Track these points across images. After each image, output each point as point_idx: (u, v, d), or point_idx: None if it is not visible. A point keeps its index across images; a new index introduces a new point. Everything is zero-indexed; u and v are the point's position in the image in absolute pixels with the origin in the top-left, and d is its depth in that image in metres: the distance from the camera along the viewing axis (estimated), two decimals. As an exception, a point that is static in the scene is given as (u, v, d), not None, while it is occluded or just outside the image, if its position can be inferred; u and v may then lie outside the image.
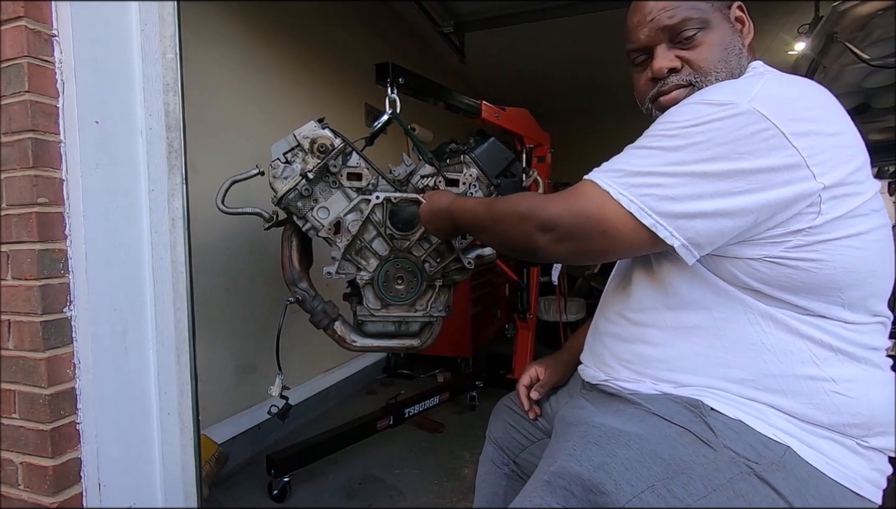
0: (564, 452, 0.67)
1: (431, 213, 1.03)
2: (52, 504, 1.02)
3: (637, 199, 0.64)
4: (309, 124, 1.23)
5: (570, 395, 0.95)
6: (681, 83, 0.77)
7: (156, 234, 1.15)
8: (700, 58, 0.75)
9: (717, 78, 0.74)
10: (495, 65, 4.26)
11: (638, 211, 0.63)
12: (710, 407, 0.67)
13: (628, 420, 0.69)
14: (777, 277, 0.64)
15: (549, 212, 0.68)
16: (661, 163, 0.64)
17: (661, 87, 0.78)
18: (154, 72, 1.13)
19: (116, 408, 1.11)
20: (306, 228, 1.25)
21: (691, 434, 0.65)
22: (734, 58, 0.75)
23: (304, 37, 2.38)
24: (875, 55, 1.73)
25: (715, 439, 0.64)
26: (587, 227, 0.66)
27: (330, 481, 1.84)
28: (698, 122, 0.63)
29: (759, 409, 0.66)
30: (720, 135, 0.61)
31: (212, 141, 1.82)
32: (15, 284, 1.03)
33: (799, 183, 0.61)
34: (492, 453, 1.04)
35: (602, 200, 0.65)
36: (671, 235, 0.63)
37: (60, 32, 1.02)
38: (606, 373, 0.79)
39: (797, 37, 2.53)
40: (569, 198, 0.68)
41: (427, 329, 1.37)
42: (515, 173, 1.37)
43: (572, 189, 0.69)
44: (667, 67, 0.76)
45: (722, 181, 0.61)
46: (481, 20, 3.32)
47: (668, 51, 0.77)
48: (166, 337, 1.16)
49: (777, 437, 0.64)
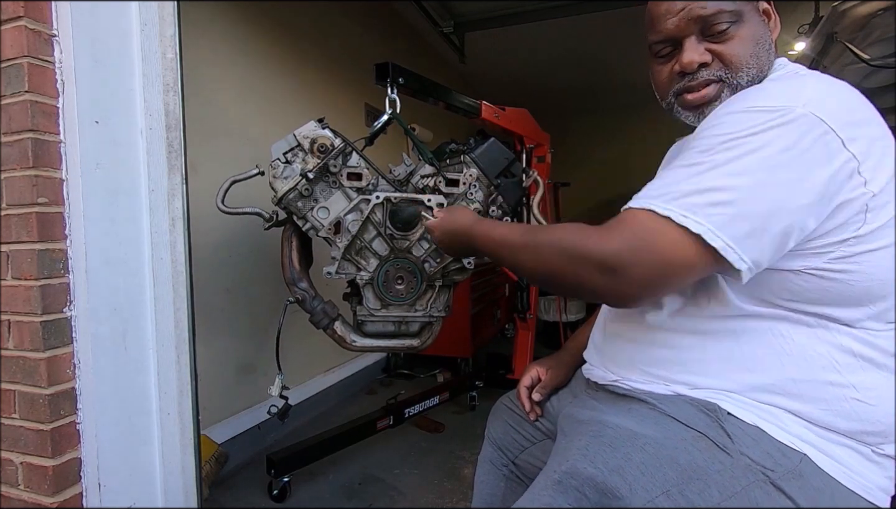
0: (577, 452, 0.65)
1: (447, 233, 0.97)
2: (52, 504, 1.02)
3: (705, 220, 0.57)
4: (309, 124, 1.23)
5: (574, 394, 0.93)
6: (711, 78, 0.72)
7: (156, 234, 1.15)
8: (732, 52, 0.70)
9: (748, 74, 0.71)
10: (495, 65, 4.26)
11: (707, 232, 0.56)
12: (726, 411, 0.65)
13: (642, 421, 0.67)
14: (812, 290, 0.61)
15: (605, 251, 0.60)
16: (722, 177, 0.58)
17: (690, 82, 0.74)
18: (154, 72, 1.13)
19: (116, 408, 1.11)
20: (306, 228, 1.26)
21: (707, 438, 0.63)
22: (765, 53, 0.71)
23: (304, 37, 2.38)
24: (875, 55, 1.73)
25: (731, 445, 0.62)
26: (651, 261, 0.59)
27: (330, 481, 1.84)
28: (755, 131, 0.58)
29: (777, 415, 0.64)
30: (780, 142, 0.57)
31: (212, 141, 1.82)
32: (15, 284, 1.03)
33: (853, 190, 0.58)
34: (491, 453, 1.03)
35: (663, 227, 0.58)
36: (739, 258, 0.57)
37: (60, 32, 1.02)
38: (616, 373, 0.78)
39: (797, 37, 2.53)
40: (624, 232, 0.60)
41: (427, 329, 1.37)
42: (515, 173, 1.38)
43: (622, 220, 0.62)
44: (697, 62, 0.72)
45: (788, 192, 0.57)
46: (481, 20, 3.32)
47: (698, 44, 0.72)
48: (166, 337, 1.16)
49: (794, 445, 0.62)
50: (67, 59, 1.03)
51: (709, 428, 0.64)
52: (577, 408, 0.79)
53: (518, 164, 1.39)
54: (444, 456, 2.02)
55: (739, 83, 0.71)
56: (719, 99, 0.73)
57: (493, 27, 3.33)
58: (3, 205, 1.04)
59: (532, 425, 0.98)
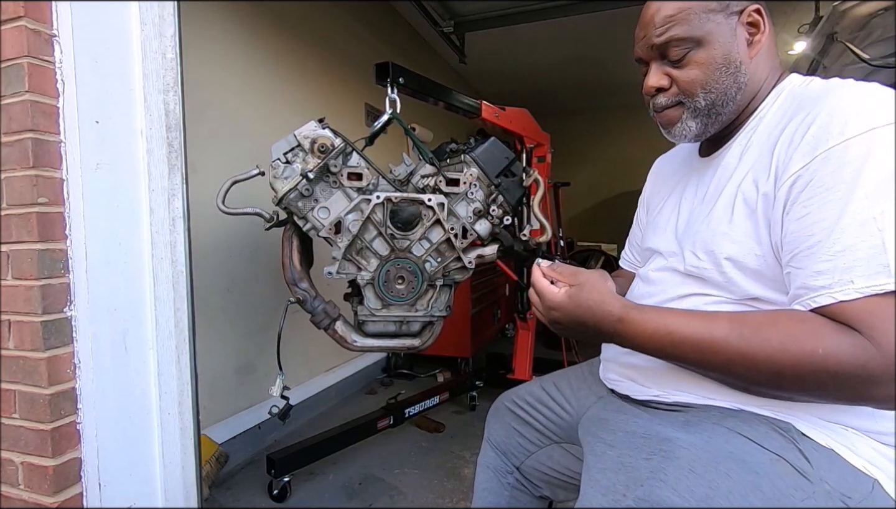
0: (650, 474, 0.59)
1: (576, 320, 0.71)
2: (52, 504, 1.02)
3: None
4: (309, 124, 1.23)
5: (597, 396, 0.87)
6: (669, 104, 0.76)
7: (156, 234, 1.15)
8: (687, 78, 0.73)
9: (705, 98, 0.72)
10: (495, 65, 4.26)
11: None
12: (800, 431, 0.61)
13: (712, 439, 0.61)
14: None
15: (881, 363, 0.52)
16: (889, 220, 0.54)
17: (653, 104, 0.78)
18: (154, 72, 1.13)
19: (116, 408, 1.11)
20: (307, 228, 1.25)
21: (785, 462, 0.59)
22: (727, 76, 0.71)
23: (304, 37, 2.38)
24: (875, 55, 1.73)
25: (811, 470, 0.58)
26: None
27: (330, 481, 1.84)
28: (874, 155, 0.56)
29: (848, 438, 0.61)
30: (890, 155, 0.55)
31: (212, 141, 1.82)
32: (15, 284, 1.03)
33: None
34: (493, 459, 0.98)
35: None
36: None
37: (60, 32, 1.02)
38: (660, 387, 0.73)
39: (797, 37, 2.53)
40: (876, 334, 0.52)
41: (428, 329, 1.37)
42: (516, 173, 1.37)
43: (857, 318, 0.54)
44: (654, 87, 0.76)
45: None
46: (481, 20, 3.32)
47: (659, 67, 0.75)
48: (166, 337, 1.16)
49: (865, 469, 0.60)
50: (67, 59, 1.03)
51: (785, 450, 0.60)
52: (616, 414, 0.74)
53: (518, 164, 1.39)
54: (444, 456, 2.02)
55: (697, 106, 0.73)
56: (681, 121, 0.76)
57: (493, 27, 3.33)
58: (4, 205, 1.04)
59: (537, 429, 0.94)
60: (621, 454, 0.65)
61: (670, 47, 0.72)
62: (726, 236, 0.68)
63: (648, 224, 0.94)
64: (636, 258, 1.01)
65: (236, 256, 1.95)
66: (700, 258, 0.71)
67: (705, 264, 0.71)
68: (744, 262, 0.66)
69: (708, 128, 0.76)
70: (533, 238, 1.43)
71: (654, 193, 0.98)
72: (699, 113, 0.74)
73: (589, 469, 0.68)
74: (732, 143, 0.76)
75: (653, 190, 1.00)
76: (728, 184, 0.72)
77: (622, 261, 1.08)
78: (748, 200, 0.67)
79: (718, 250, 0.69)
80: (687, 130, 0.76)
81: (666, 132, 0.79)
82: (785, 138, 0.64)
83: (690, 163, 0.87)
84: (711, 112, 0.74)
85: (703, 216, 0.74)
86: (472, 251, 1.34)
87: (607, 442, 0.70)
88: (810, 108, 0.63)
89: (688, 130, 0.76)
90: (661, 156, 1.03)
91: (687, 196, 0.82)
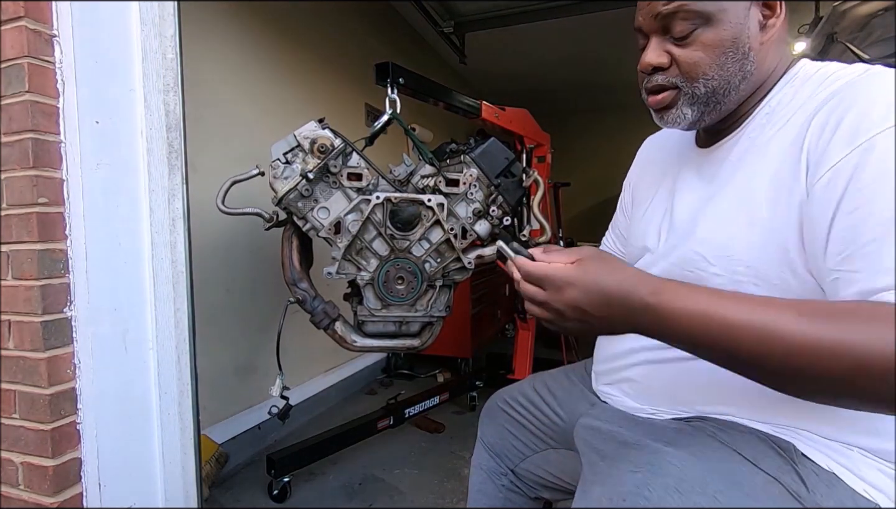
0: (633, 488, 0.56)
1: (595, 293, 0.55)
2: (52, 504, 1.02)
3: None
4: (309, 124, 1.23)
5: (590, 402, 0.84)
6: (665, 85, 0.68)
7: (156, 234, 1.15)
8: (689, 59, 0.65)
9: (706, 84, 0.65)
10: (495, 65, 4.26)
11: None
12: (801, 452, 0.58)
13: (704, 454, 0.58)
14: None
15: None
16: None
17: (647, 84, 0.70)
18: (154, 72, 1.13)
19: (116, 408, 1.11)
20: (307, 228, 1.26)
21: (780, 485, 0.56)
22: (733, 63, 0.65)
23: (304, 37, 2.38)
24: (875, 55, 1.73)
25: (806, 494, 0.56)
26: None
27: (330, 481, 1.84)
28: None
29: (852, 459, 0.59)
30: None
31: (212, 141, 1.82)
32: (15, 284, 1.03)
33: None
34: (486, 460, 0.96)
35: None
36: None
37: (61, 32, 1.02)
38: (654, 405, 0.70)
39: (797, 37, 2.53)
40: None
41: (427, 329, 1.37)
42: (515, 173, 1.37)
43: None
44: (652, 64, 0.68)
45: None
46: (481, 20, 3.32)
47: (660, 43, 0.67)
48: (166, 337, 1.16)
49: (867, 493, 0.57)
50: (67, 59, 1.03)
51: (781, 472, 0.57)
52: (607, 424, 0.72)
53: (518, 164, 1.39)
54: (444, 456, 2.02)
55: (696, 92, 0.66)
56: (676, 106, 0.68)
57: (493, 27, 3.33)
58: (4, 205, 1.04)
59: (532, 433, 0.92)
60: (610, 465, 0.63)
61: (677, 20, 0.64)
62: (744, 240, 0.62)
63: (634, 217, 0.89)
64: (617, 245, 0.98)
65: (236, 256, 1.95)
66: (710, 262, 0.65)
67: (716, 269, 0.64)
68: (764, 272, 0.60)
69: (704, 117, 0.69)
70: (533, 238, 1.43)
71: (641, 180, 0.91)
72: (697, 100, 0.67)
73: (583, 480, 0.67)
74: (739, 136, 0.69)
75: (640, 175, 0.93)
76: (740, 181, 0.65)
77: (602, 245, 1.02)
78: (771, 199, 0.61)
79: (736, 255, 0.63)
80: (681, 118, 0.69)
81: (657, 116, 0.72)
82: (816, 128, 0.58)
83: (685, 153, 0.80)
84: (711, 100, 0.67)
85: (710, 216, 0.68)
86: (472, 251, 1.34)
87: (599, 453, 0.68)
88: (843, 94, 0.58)
89: (682, 118, 0.69)
90: (650, 137, 0.95)
91: (681, 190, 0.75)
